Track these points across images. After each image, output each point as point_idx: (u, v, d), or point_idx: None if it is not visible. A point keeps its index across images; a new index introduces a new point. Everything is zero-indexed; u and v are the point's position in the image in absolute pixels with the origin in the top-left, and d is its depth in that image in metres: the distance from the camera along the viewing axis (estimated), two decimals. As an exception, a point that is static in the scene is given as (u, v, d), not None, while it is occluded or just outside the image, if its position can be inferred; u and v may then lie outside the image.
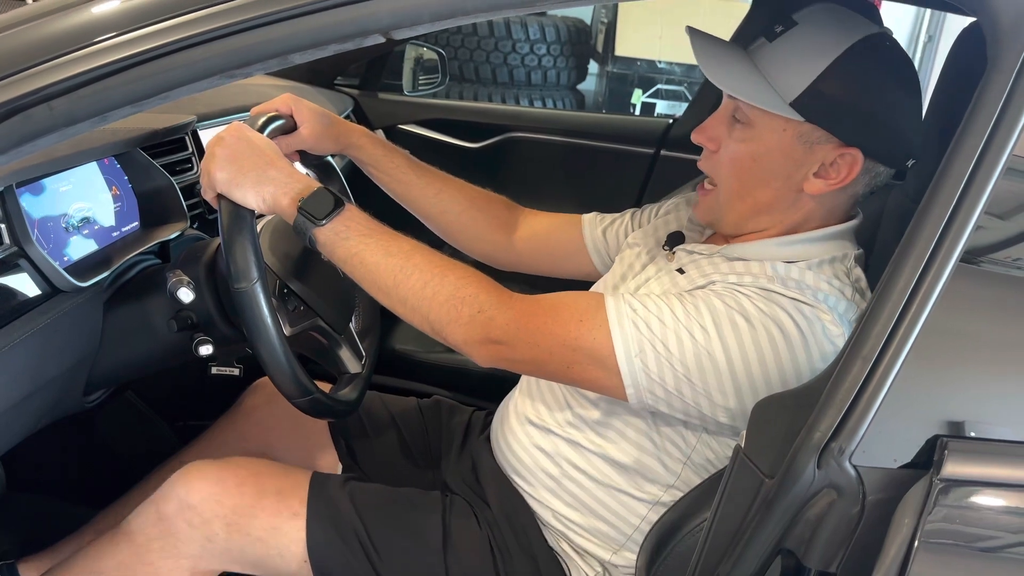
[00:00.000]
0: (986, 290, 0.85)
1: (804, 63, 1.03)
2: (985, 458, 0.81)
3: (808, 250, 1.10)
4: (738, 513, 0.86)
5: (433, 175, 1.44)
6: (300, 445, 1.50)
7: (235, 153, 1.08)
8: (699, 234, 1.25)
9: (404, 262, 1.05)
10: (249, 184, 1.06)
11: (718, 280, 1.06)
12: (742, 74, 1.06)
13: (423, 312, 1.04)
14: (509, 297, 1.05)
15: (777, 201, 1.10)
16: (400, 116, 2.50)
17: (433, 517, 1.23)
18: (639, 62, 5.30)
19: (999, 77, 0.78)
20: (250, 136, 1.10)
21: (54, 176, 1.15)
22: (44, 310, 1.08)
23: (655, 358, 1.00)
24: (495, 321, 1.02)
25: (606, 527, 1.19)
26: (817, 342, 0.99)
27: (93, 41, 0.80)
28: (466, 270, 1.06)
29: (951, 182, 0.78)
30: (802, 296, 1.01)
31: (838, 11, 1.06)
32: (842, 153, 1.05)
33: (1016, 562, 0.83)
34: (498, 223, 1.47)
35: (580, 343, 1.03)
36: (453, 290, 1.03)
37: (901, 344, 0.78)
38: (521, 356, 1.05)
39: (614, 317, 1.02)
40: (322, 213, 1.05)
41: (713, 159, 1.12)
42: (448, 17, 0.81)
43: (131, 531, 1.19)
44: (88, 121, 0.81)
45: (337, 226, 1.05)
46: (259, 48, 0.81)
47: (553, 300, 1.06)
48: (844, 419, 0.78)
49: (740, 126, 1.08)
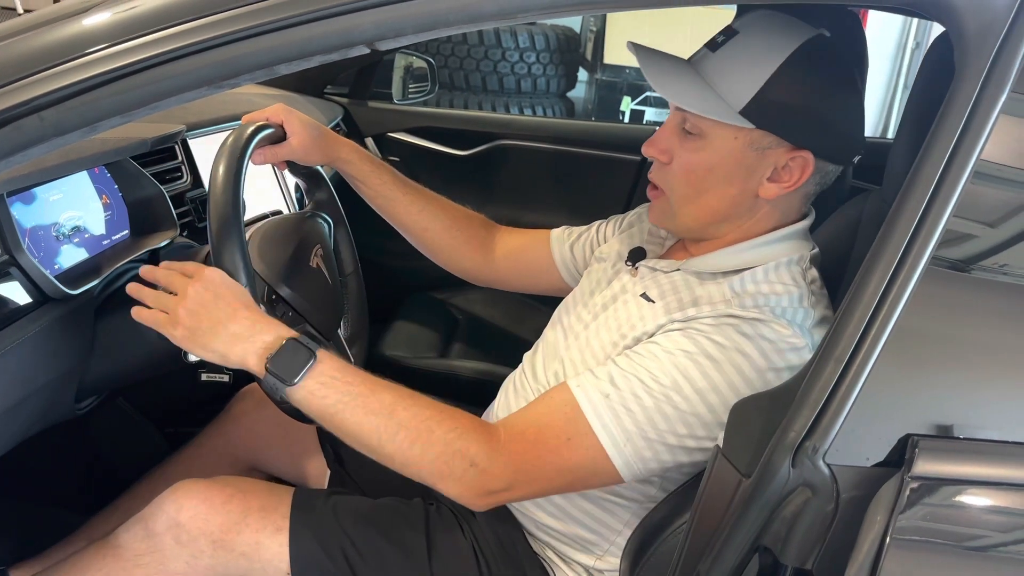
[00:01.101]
0: (957, 293, 0.86)
1: (749, 71, 1.04)
2: (955, 456, 0.83)
3: (765, 253, 1.11)
4: (717, 512, 0.87)
5: (417, 192, 1.46)
6: (288, 450, 1.51)
7: (198, 304, 1.03)
8: (659, 246, 1.27)
9: (387, 421, 1.01)
10: (210, 342, 1.03)
11: (678, 319, 1.06)
12: (689, 86, 1.07)
13: (413, 469, 1.03)
14: (497, 441, 1.03)
15: (734, 208, 1.11)
16: (390, 124, 2.51)
17: (417, 528, 1.23)
18: (628, 70, 5.33)
19: (966, 85, 0.80)
20: (218, 286, 1.04)
21: (45, 185, 1.16)
22: (35, 318, 1.09)
23: (646, 444, 1.02)
24: (489, 472, 1.02)
25: (589, 534, 1.20)
26: (783, 358, 1.01)
27: (82, 53, 0.81)
28: (452, 419, 1.03)
29: (921, 186, 0.80)
30: (761, 314, 1.03)
31: (776, 17, 1.07)
32: (793, 156, 1.06)
33: (985, 558, 0.84)
34: (477, 242, 1.50)
35: (575, 462, 1.04)
36: (442, 447, 1.01)
37: (873, 345, 0.79)
38: (522, 495, 1.07)
39: (593, 416, 1.03)
40: (293, 372, 1.00)
41: (665, 170, 1.13)
42: (430, 29, 0.83)
43: (118, 546, 1.20)
44: (78, 131, 0.83)
45: (310, 383, 1.01)
46: (246, 59, 0.82)
47: (536, 424, 1.05)
48: (818, 419, 0.80)
49: (691, 137, 1.09)
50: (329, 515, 1.22)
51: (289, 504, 1.21)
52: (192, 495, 1.18)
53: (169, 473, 1.49)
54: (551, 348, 1.28)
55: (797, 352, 1.01)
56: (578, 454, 1.03)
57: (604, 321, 1.18)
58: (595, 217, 1.50)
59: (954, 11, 0.80)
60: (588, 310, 1.25)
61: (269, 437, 1.50)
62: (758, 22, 1.07)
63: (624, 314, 1.15)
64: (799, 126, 1.05)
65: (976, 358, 0.86)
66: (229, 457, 1.51)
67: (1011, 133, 0.82)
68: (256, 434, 1.51)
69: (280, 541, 1.18)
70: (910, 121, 1.15)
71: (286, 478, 1.53)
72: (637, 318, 1.12)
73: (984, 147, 0.79)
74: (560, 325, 1.30)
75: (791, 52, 1.03)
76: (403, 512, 1.26)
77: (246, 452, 1.52)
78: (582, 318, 1.25)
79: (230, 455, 1.51)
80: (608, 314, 1.18)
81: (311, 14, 0.81)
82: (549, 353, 1.27)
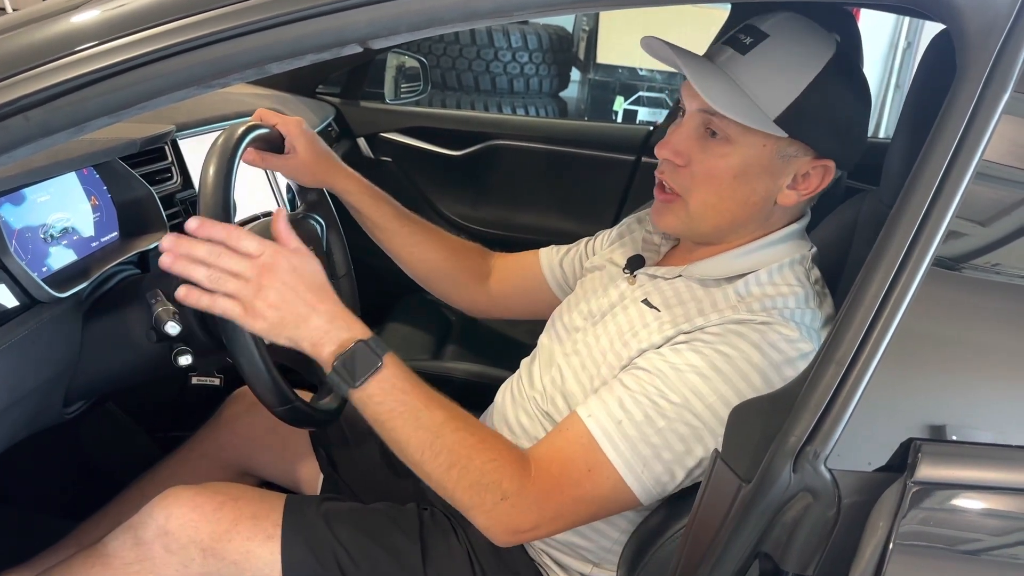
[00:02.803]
0: (959, 294, 0.86)
1: (786, 78, 1.03)
2: (958, 461, 0.82)
3: (768, 255, 1.10)
4: (716, 518, 0.86)
5: (415, 224, 1.46)
6: (280, 455, 1.49)
7: (279, 299, 0.99)
8: (655, 253, 1.25)
9: (433, 438, 1.01)
10: (292, 334, 1.01)
11: (685, 330, 1.05)
12: (726, 90, 1.04)
13: (447, 490, 1.03)
14: (528, 477, 1.02)
15: (753, 214, 1.10)
16: (382, 124, 2.51)
17: (411, 534, 1.22)
18: (620, 69, 5.33)
19: (968, 85, 0.79)
20: (294, 277, 1.01)
21: (32, 186, 1.15)
22: (22, 321, 1.07)
23: (663, 467, 1.02)
24: (518, 507, 1.01)
25: (585, 541, 1.19)
26: (792, 366, 1.00)
27: (69, 52, 0.80)
28: (493, 449, 1.03)
29: (923, 188, 0.80)
30: (770, 317, 1.02)
31: (804, 22, 1.06)
32: (815, 165, 1.06)
33: (988, 563, 0.84)
34: (472, 272, 1.50)
35: (597, 492, 1.03)
36: (478, 476, 1.01)
37: (874, 348, 0.78)
38: (547, 533, 1.06)
39: (608, 446, 1.02)
40: (357, 376, 1.00)
41: (682, 173, 1.10)
42: (425, 27, 0.82)
43: (107, 554, 1.18)
44: (65, 132, 0.81)
45: (371, 388, 1.01)
46: (236, 58, 0.81)
47: (558, 459, 1.04)
48: (819, 423, 0.79)
49: (717, 141, 1.06)
50: (321, 522, 1.20)
51: (280, 511, 1.20)
52: (182, 502, 1.17)
53: (159, 478, 1.47)
54: (547, 355, 1.27)
55: (806, 358, 1.00)
56: (599, 484, 1.03)
57: (604, 328, 1.16)
58: (588, 217, 1.49)
59: (956, 10, 0.80)
60: (583, 316, 1.24)
61: (261, 441, 1.49)
62: (787, 26, 1.05)
63: (625, 320, 1.14)
64: (828, 136, 1.05)
65: (980, 360, 0.85)
66: (220, 462, 1.50)
67: (1006, 132, 0.81)
68: (248, 438, 1.50)
69: (271, 549, 1.16)
70: (908, 121, 1.14)
71: (278, 483, 1.52)
72: (640, 324, 1.11)
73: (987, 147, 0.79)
74: (554, 330, 1.29)
75: (827, 61, 1.03)
76: (397, 518, 1.24)
77: (238, 456, 1.50)
78: (576, 323, 1.24)
79: (221, 460, 1.50)
80: (607, 320, 1.17)
81: (303, 12, 0.79)
82: (545, 360, 1.26)
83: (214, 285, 0.98)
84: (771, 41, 1.04)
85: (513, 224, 2.48)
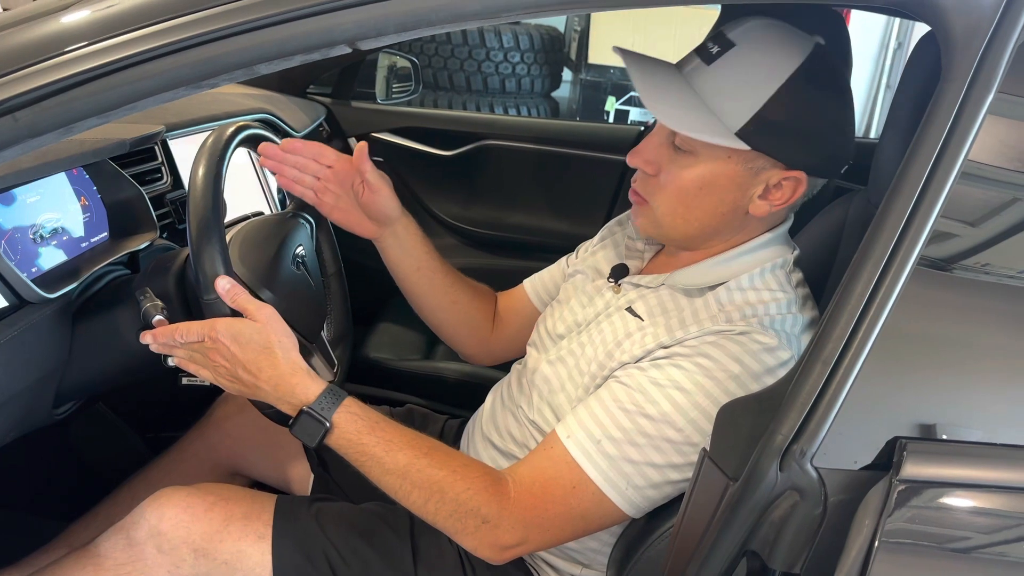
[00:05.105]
0: (947, 294, 0.86)
1: (748, 90, 1.01)
2: (943, 459, 0.82)
3: (748, 261, 1.10)
4: (704, 516, 0.87)
5: (455, 280, 1.43)
6: (271, 455, 1.49)
7: (233, 370, 1.07)
8: (639, 260, 1.24)
9: (401, 481, 1.06)
10: (255, 396, 1.09)
11: (665, 343, 1.05)
12: (684, 104, 1.03)
13: (430, 520, 1.07)
14: (507, 498, 1.05)
15: (723, 224, 1.09)
16: (373, 124, 2.50)
17: (402, 534, 1.22)
18: (612, 70, 5.33)
19: (953, 85, 0.79)
20: (234, 350, 1.06)
21: (22, 187, 1.15)
22: (11, 322, 1.07)
23: (647, 482, 1.03)
24: (501, 528, 1.04)
25: (574, 543, 1.19)
26: (769, 372, 1.01)
27: (57, 53, 0.80)
28: (465, 479, 1.05)
29: (908, 188, 0.80)
30: (749, 326, 1.02)
31: (776, 28, 1.04)
32: (786, 176, 1.04)
33: (974, 561, 0.84)
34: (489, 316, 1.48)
35: (583, 509, 1.04)
36: (454, 506, 1.04)
37: (860, 347, 0.79)
38: (536, 546, 1.08)
39: (589, 466, 1.03)
40: (312, 439, 1.06)
41: (652, 183, 1.10)
42: (412, 28, 0.82)
43: (99, 555, 1.18)
44: (53, 133, 0.81)
45: (329, 443, 1.07)
46: (225, 59, 0.81)
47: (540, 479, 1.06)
48: (805, 422, 0.79)
49: (682, 153, 1.06)
50: (312, 522, 1.20)
51: (272, 511, 1.20)
52: (173, 503, 1.17)
53: (150, 479, 1.47)
54: (532, 361, 1.27)
55: (785, 366, 1.01)
56: (583, 501, 1.04)
57: (588, 337, 1.16)
58: (579, 217, 1.49)
59: (940, 11, 0.80)
60: (566, 325, 1.24)
61: (252, 441, 1.49)
62: (756, 35, 1.03)
63: (609, 329, 1.14)
64: (795, 147, 1.03)
65: (966, 359, 0.86)
66: (211, 462, 1.50)
67: (997, 132, 0.81)
68: (238, 439, 1.50)
69: (262, 549, 1.16)
70: (896, 121, 1.14)
71: (269, 483, 1.52)
72: (624, 334, 1.11)
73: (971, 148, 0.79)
74: (537, 336, 1.30)
75: (792, 72, 1.00)
76: (388, 518, 1.25)
77: (228, 457, 1.50)
78: (559, 331, 1.25)
79: (212, 460, 1.50)
80: (591, 330, 1.17)
81: (291, 13, 0.79)
82: (531, 365, 1.26)
83: (187, 366, 1.10)
84: (736, 51, 1.02)
85: (505, 224, 2.48)
